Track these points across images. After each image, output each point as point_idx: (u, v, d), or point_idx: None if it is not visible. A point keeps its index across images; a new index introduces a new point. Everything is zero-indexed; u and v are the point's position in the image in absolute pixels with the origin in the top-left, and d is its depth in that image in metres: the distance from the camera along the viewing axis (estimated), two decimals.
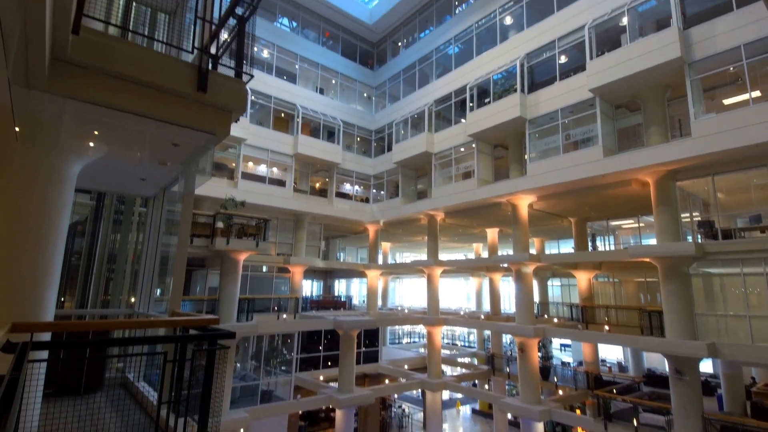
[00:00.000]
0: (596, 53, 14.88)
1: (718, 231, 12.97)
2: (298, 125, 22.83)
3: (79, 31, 3.48)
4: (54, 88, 3.61)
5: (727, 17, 12.08)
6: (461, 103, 20.94)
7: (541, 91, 16.99)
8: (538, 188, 16.37)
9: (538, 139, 17.07)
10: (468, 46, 21.28)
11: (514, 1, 19.08)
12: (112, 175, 6.50)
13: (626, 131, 16.33)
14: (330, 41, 26.79)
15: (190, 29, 5.45)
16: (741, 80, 12.54)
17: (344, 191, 25.91)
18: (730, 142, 11.40)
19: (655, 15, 14.72)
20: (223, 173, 20.59)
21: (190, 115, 4.56)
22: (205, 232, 15.24)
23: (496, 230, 24.74)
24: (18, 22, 2.80)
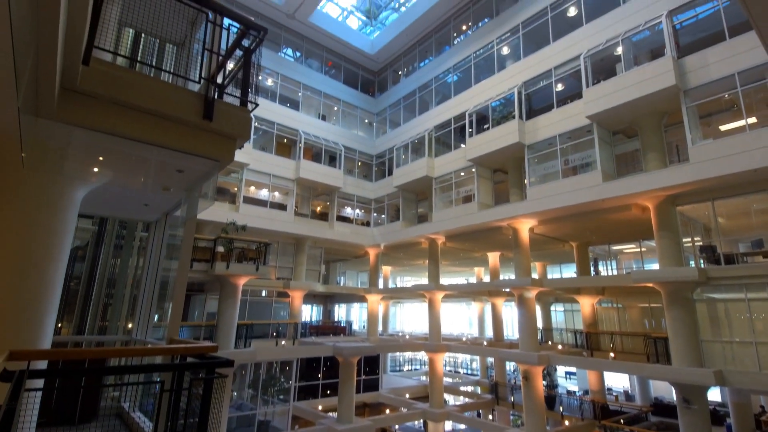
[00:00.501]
0: (592, 81, 15.22)
1: (720, 256, 12.92)
2: (301, 150, 23.13)
3: (89, 62, 3.58)
4: (62, 117, 3.68)
5: (720, 46, 12.42)
6: (461, 129, 21.27)
7: (540, 118, 17.29)
8: (538, 212, 16.41)
9: (538, 164, 17.24)
10: (467, 75, 21.80)
11: (510, 32, 19.68)
12: (115, 200, 6.54)
13: (624, 156, 16.52)
14: (332, 70, 27.48)
15: (197, 59, 5.60)
16: (736, 107, 12.76)
17: (345, 215, 25.98)
18: (728, 167, 11.50)
19: (649, 45, 15.15)
20: (225, 197, 20.71)
21: (195, 142, 4.63)
22: (205, 257, 15.19)
23: (497, 254, 24.64)
24: (31, 54, 2.89)
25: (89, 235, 9.71)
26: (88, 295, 9.22)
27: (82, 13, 2.93)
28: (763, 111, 12.53)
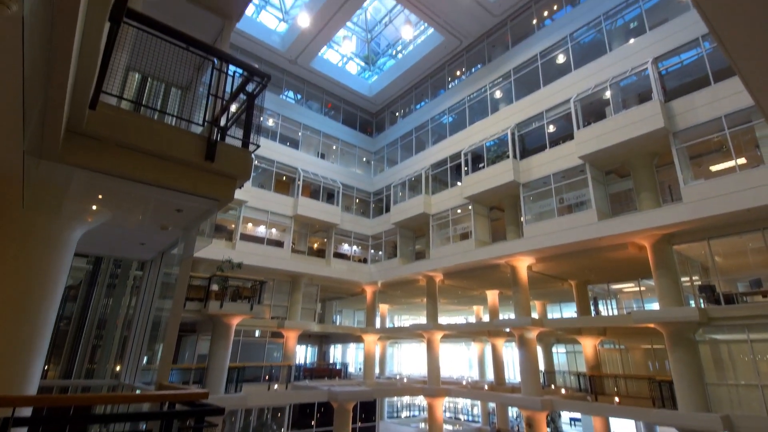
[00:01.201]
0: (583, 123, 15.72)
1: (720, 295, 12.82)
2: (299, 188, 23.36)
3: (96, 107, 3.68)
4: (66, 159, 3.73)
5: (705, 91, 12.95)
6: (457, 167, 21.66)
7: (533, 157, 17.68)
8: (536, 250, 16.40)
9: (533, 202, 17.44)
10: (461, 116, 22.50)
11: (502, 77, 20.53)
12: (112, 239, 6.51)
13: (618, 196, 16.77)
14: (332, 111, 28.32)
15: (201, 102, 5.77)
16: (725, 148, 13.13)
17: (342, 252, 25.85)
18: (721, 207, 11.67)
19: (636, 89, 15.79)
20: (221, 234, 20.66)
21: (196, 182, 4.68)
22: (199, 295, 14.92)
23: (496, 292, 24.35)
24: (40, 100, 2.98)
25: (83, 274, 9.56)
26: (78, 336, 8.95)
27: (93, 62, 3.05)
28: (751, 152, 12.89)
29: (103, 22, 2.75)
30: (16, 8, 2.00)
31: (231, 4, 6.54)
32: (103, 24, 2.77)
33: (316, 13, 20.63)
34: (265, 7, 23.12)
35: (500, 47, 21.56)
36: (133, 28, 4.27)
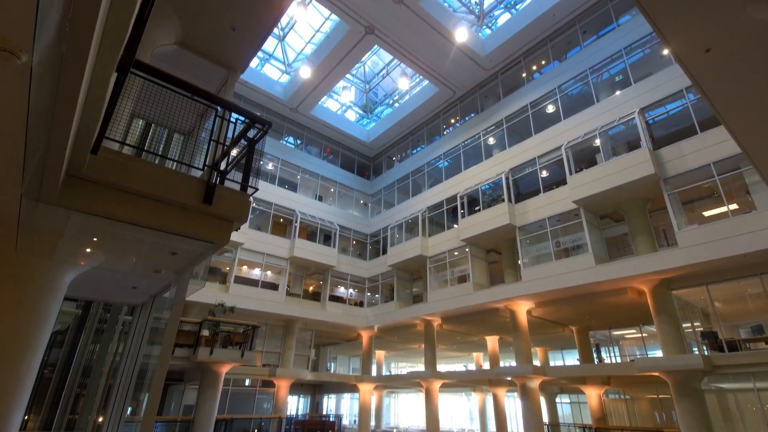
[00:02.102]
0: (575, 169, 16.08)
1: (722, 342, 12.54)
2: (296, 229, 23.35)
3: (98, 152, 3.74)
4: (64, 202, 3.73)
5: (693, 139, 13.38)
6: (453, 210, 21.84)
7: (528, 201, 17.89)
8: (534, 294, 16.19)
9: (530, 245, 17.44)
10: (456, 161, 23.01)
11: (495, 125, 21.24)
12: (103, 283, 6.38)
13: (614, 240, 16.83)
14: (330, 156, 28.94)
15: (202, 147, 5.87)
16: (716, 194, 13.36)
17: (338, 294, 25.41)
18: (716, 252, 11.70)
19: (625, 137, 16.32)
20: (215, 277, 20.34)
21: (192, 225, 4.67)
22: (189, 342, 14.40)
23: (496, 338, 23.72)
24: (41, 145, 3.02)
25: (71, 319, 9.28)
26: (61, 384, 8.53)
27: (98, 109, 3.12)
28: (742, 197, 13.12)
29: (110, 73, 2.85)
30: (25, 58, 2.07)
31: (236, 58, 6.85)
32: (110, 74, 2.86)
33: (318, 66, 21.64)
34: (269, 60, 24.25)
35: (492, 98, 22.48)
36: (139, 78, 4.43)
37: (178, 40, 6.45)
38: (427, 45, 19.83)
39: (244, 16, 6.19)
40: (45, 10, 1.89)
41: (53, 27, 2.17)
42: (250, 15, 6.17)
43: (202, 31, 6.43)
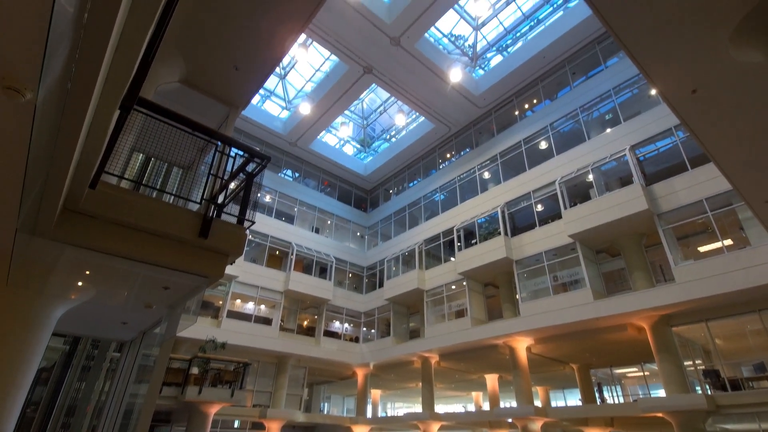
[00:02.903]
0: (569, 204, 16.24)
1: (725, 381, 12.25)
2: (292, 262, 23.14)
3: (96, 186, 3.75)
4: (59, 236, 3.70)
5: (684, 176, 13.63)
6: (450, 243, 21.81)
7: (524, 235, 17.93)
8: (533, 330, 15.91)
9: (527, 279, 17.32)
10: (453, 194, 23.24)
11: (490, 160, 21.63)
12: (93, 318, 6.22)
13: (612, 275, 16.75)
14: (328, 188, 29.18)
15: (201, 180, 5.91)
16: (710, 229, 13.47)
17: (333, 329, 24.84)
18: (713, 288, 11.65)
19: (617, 173, 16.62)
20: (207, 312, 19.91)
21: (187, 259, 4.62)
22: (177, 380, 13.85)
23: (495, 376, 23.02)
24: (40, 180, 3.02)
25: (58, 355, 8.97)
26: (44, 424, 8.11)
27: (98, 145, 3.16)
28: (736, 233, 13.23)
29: (113, 110, 2.90)
30: (30, 96, 2.11)
31: (238, 96, 7.04)
32: (113, 111, 2.91)
33: (317, 102, 22.24)
34: (270, 97, 24.93)
35: (486, 134, 23.03)
36: (142, 114, 4.52)
37: (182, 78, 6.64)
38: (423, 84, 20.51)
39: (247, 57, 6.41)
40: (52, 51, 1.95)
41: (59, 67, 2.22)
42: (253, 55, 6.40)
43: (205, 69, 6.64)
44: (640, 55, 4.85)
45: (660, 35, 4.55)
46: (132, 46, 2.50)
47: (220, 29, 6.05)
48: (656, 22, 4.44)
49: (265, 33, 6.10)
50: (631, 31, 4.60)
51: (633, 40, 4.68)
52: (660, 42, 4.63)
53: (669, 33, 4.52)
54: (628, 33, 4.65)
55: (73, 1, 1.84)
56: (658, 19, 4.39)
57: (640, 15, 4.38)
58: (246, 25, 6.00)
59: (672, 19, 4.38)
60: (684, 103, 5.72)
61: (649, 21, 4.42)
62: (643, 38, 4.63)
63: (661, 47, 4.69)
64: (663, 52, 4.75)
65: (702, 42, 4.50)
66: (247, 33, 6.11)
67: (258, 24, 5.99)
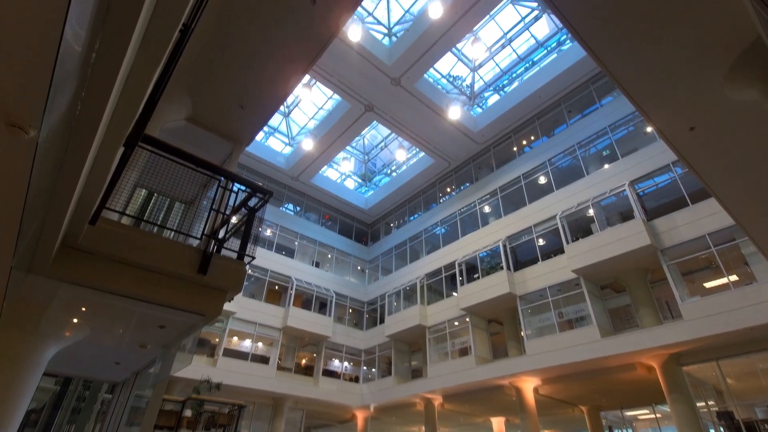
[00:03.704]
0: (571, 238, 16.16)
1: (740, 423, 11.69)
2: (291, 297, 22.75)
3: (97, 222, 3.71)
4: (55, 274, 3.63)
5: (684, 211, 13.61)
6: (452, 278, 21.51)
7: (527, 270, 17.71)
8: (540, 370, 15.36)
9: (532, 315, 16.95)
10: (453, 228, 23.19)
11: (490, 195, 21.76)
12: (85, 358, 6.01)
13: (618, 311, 16.39)
14: (329, 222, 29.20)
15: (202, 215, 5.88)
16: (715, 265, 13.30)
17: (332, 368, 24.05)
18: (721, 326, 11.35)
19: (617, 208, 16.64)
20: (203, 350, 19.37)
21: (185, 297, 4.51)
22: (169, 423, 13.16)
23: (502, 420, 22.04)
24: (39, 217, 2.99)
25: (48, 396, 8.60)
26: None
27: (100, 182, 3.15)
28: (741, 269, 13.06)
29: (117, 147, 2.90)
30: (33, 134, 2.10)
31: (242, 133, 7.17)
32: (117, 149, 2.91)
33: (319, 139, 22.70)
34: (274, 133, 25.48)
35: (486, 169, 23.30)
36: (146, 150, 4.55)
37: (188, 116, 6.77)
38: (423, 121, 20.99)
39: (252, 96, 6.57)
40: (58, 89, 1.96)
41: (64, 104, 2.24)
42: (259, 95, 6.56)
43: (211, 108, 6.79)
44: (637, 95, 4.95)
45: (656, 75, 4.66)
46: (139, 85, 2.53)
47: (228, 69, 6.24)
48: (652, 63, 4.56)
49: (270, 74, 6.28)
50: (627, 71, 4.72)
51: (629, 80, 4.79)
52: (656, 82, 4.74)
53: (665, 73, 4.64)
54: (624, 74, 4.77)
55: (81, 40, 1.86)
56: (653, 60, 4.51)
57: (636, 56, 4.51)
58: (253, 66, 6.19)
59: (667, 61, 4.50)
60: (682, 140, 5.79)
61: (645, 62, 4.54)
62: (639, 79, 4.74)
63: (657, 87, 4.79)
64: (660, 91, 4.85)
65: (698, 81, 4.60)
66: (254, 74, 6.29)
67: (264, 65, 6.18)
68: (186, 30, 2.47)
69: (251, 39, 5.81)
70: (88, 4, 1.74)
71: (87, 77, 2.18)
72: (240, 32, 5.71)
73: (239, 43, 5.86)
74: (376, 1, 18.23)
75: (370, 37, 17.94)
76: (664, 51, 4.35)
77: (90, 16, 1.83)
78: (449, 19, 16.07)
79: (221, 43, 5.82)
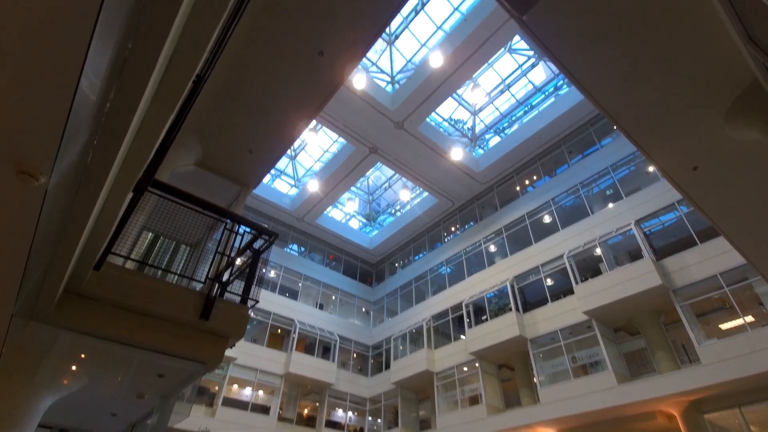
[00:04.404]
0: (580, 278, 15.85)
1: None
2: (294, 341, 22.15)
3: (101, 268, 3.68)
4: (56, 321, 3.55)
5: (693, 250, 13.40)
6: (459, 319, 20.96)
7: (537, 311, 17.25)
8: (555, 420, 14.55)
9: (544, 360, 16.30)
10: (459, 268, 22.90)
11: (495, 234, 21.67)
12: (81, 409, 5.77)
13: (633, 355, 15.73)
14: (333, 262, 28.99)
15: (207, 257, 5.84)
16: (728, 305, 12.91)
17: (336, 419, 22.93)
18: (741, 369, 10.85)
19: (625, 247, 16.43)
20: (201, 399, 18.63)
21: (186, 344, 4.39)
22: None
23: None
24: (43, 264, 2.96)
25: None
26: None
27: (108, 227, 3.14)
28: (756, 309, 12.64)
29: (126, 193, 2.92)
30: (43, 180, 2.11)
31: (250, 176, 7.30)
32: (126, 194, 2.93)
33: (324, 180, 23.08)
34: (280, 176, 25.97)
35: (490, 208, 23.37)
36: (155, 195, 4.60)
37: (198, 161, 6.92)
38: (426, 162, 21.37)
39: (261, 141, 6.75)
40: (70, 137, 1.98)
41: (76, 152, 2.26)
42: (267, 140, 6.74)
43: (220, 152, 6.95)
44: (638, 136, 5.01)
45: (656, 117, 4.74)
46: (152, 133, 2.57)
47: (238, 116, 6.45)
48: (651, 105, 4.65)
49: (279, 120, 6.49)
50: (626, 113, 4.81)
51: (629, 122, 4.87)
52: (657, 123, 4.81)
53: (665, 115, 4.72)
54: (623, 116, 4.85)
55: (97, 90, 1.91)
56: (652, 102, 4.60)
57: (635, 98, 4.61)
58: (263, 114, 6.40)
59: (667, 103, 4.59)
60: (686, 180, 5.78)
61: (644, 104, 4.64)
62: (639, 120, 4.82)
63: (658, 128, 4.86)
64: (661, 132, 4.91)
65: (699, 122, 4.67)
66: (263, 120, 6.50)
67: (273, 112, 6.39)
68: (199, 80, 2.56)
69: (262, 88, 6.04)
70: (104, 57, 1.79)
71: (100, 125, 2.22)
72: (251, 82, 5.95)
73: (250, 91, 6.09)
74: (379, 52, 19.13)
75: (374, 84, 18.69)
76: (663, 94, 4.44)
77: (106, 67, 1.88)
78: (449, 68, 16.76)
79: (232, 90, 6.05)
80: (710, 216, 6.32)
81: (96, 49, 1.59)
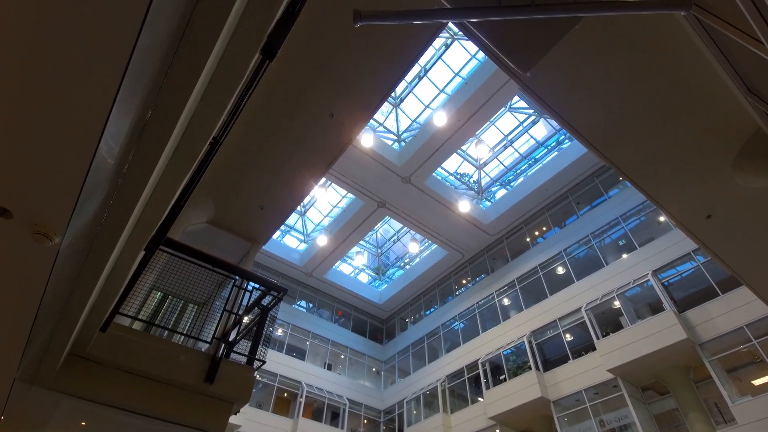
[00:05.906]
0: (601, 332, 15.14)
1: None
2: (301, 406, 21.01)
3: (107, 329, 3.61)
4: (59, 386, 3.42)
5: (716, 301, 12.86)
6: (475, 379, 19.85)
7: (558, 369, 16.33)
8: None
9: (570, 425, 15.15)
10: (473, 323, 22.11)
11: (507, 286, 21.16)
12: None
13: (665, 417, 14.55)
14: (342, 318, 28.28)
15: (215, 316, 5.73)
16: (759, 359, 12.14)
17: None
18: None
19: (644, 299, 15.83)
20: None
21: (188, 411, 4.17)
22: None
23: None
24: (50, 324, 2.91)
25: None
26: None
27: (117, 287, 3.12)
28: None
29: (138, 252, 2.93)
30: (57, 240, 2.12)
31: (260, 233, 7.37)
32: (138, 253, 2.94)
33: (333, 235, 23.23)
34: (290, 232, 26.24)
35: (501, 259, 23.04)
36: (166, 253, 4.62)
37: (210, 219, 7.04)
38: (434, 215, 21.51)
39: (272, 198, 6.90)
40: (86, 198, 2.01)
41: (91, 213, 2.29)
42: (278, 197, 6.89)
43: (232, 210, 7.08)
44: (647, 186, 5.01)
45: (664, 167, 4.76)
46: (166, 193, 2.63)
47: (251, 176, 6.65)
48: (658, 157, 4.69)
49: (289, 179, 6.67)
50: (633, 165, 4.85)
51: (637, 173, 4.90)
52: (665, 173, 4.82)
53: (673, 165, 4.74)
54: (631, 167, 4.89)
55: (115, 154, 1.97)
56: (659, 154, 4.65)
57: (641, 151, 4.67)
58: (274, 173, 6.61)
59: (674, 154, 4.63)
60: (701, 229, 5.68)
61: (651, 155, 4.68)
62: (647, 171, 4.84)
63: (667, 178, 4.86)
64: (670, 182, 4.91)
65: (707, 171, 4.68)
66: (274, 179, 6.69)
67: (284, 172, 6.60)
68: (215, 143, 2.66)
69: (274, 149, 6.28)
70: (125, 123, 1.87)
71: (117, 187, 2.27)
72: (264, 143, 6.20)
73: (263, 151, 6.32)
74: (385, 114, 20.07)
75: (381, 142, 19.41)
76: (669, 146, 4.50)
77: (126, 133, 1.95)
78: (453, 126, 17.43)
79: (246, 150, 6.29)
80: (729, 265, 6.12)
81: (117, 115, 1.66)
